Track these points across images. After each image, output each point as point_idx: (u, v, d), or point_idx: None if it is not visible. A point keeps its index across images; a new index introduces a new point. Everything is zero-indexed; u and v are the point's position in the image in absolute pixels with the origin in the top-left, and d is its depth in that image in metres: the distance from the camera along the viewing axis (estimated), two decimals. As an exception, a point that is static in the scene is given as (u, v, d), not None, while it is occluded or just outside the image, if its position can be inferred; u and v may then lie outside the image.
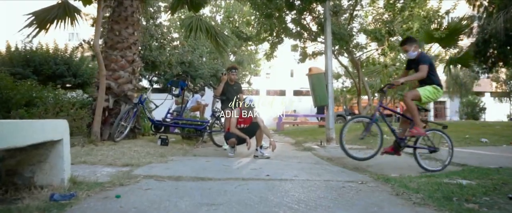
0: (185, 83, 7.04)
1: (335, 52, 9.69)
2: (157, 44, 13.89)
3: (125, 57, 7.69)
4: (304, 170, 4.37)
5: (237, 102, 7.23)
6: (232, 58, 20.83)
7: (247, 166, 4.49)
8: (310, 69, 7.54)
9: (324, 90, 7.38)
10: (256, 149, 5.72)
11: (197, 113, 12.62)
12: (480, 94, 33.29)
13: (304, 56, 11.09)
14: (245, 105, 5.73)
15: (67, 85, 15.11)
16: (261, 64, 24.04)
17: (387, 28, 8.13)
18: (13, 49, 14.73)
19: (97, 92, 7.45)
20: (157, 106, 7.61)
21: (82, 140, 6.33)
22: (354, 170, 4.74)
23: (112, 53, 7.64)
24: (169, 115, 7.04)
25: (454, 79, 29.45)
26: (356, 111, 26.38)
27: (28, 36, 7.86)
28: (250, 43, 18.03)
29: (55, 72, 14.63)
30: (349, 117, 23.77)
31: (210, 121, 7.23)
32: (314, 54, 11.16)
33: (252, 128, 5.78)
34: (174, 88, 7.06)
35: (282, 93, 38.03)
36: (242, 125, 5.82)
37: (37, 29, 7.96)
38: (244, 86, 25.88)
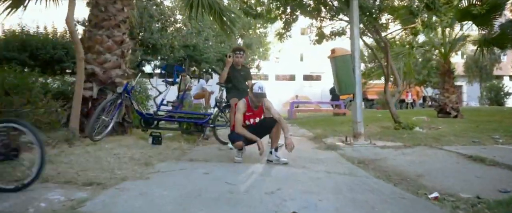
0: (182, 68, 5.73)
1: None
2: (158, 25, 12.53)
3: (112, 37, 6.38)
4: (342, 192, 3.04)
5: (244, 90, 5.96)
6: (240, 41, 19.38)
7: (260, 186, 3.17)
8: (333, 51, 6.15)
9: (351, 75, 6.01)
10: (271, 152, 4.42)
11: (202, 101, 11.35)
12: (499, 77, 31.41)
13: (321, 37, 9.65)
14: (256, 95, 4.40)
15: (67, 71, 14.01)
16: (270, 48, 22.53)
17: (425, 1, 6.65)
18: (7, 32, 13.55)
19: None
20: (160, 93, 6.31)
21: (57, 138, 5.10)
22: (410, 187, 3.39)
23: (97, 33, 6.33)
24: (164, 106, 5.73)
25: (474, 62, 27.64)
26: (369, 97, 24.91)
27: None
28: (259, 25, 16.59)
29: (53, 57, 13.42)
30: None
31: (213, 114, 5.93)
32: (333, 34, 9.72)
33: (265, 124, 4.46)
34: (169, 74, 5.72)
35: (292, 78, 36.52)
36: (251, 121, 4.50)
37: (12, 6, 6.73)
38: (253, 71, 24.48)
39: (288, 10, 8.90)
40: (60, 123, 5.39)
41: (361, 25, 7.88)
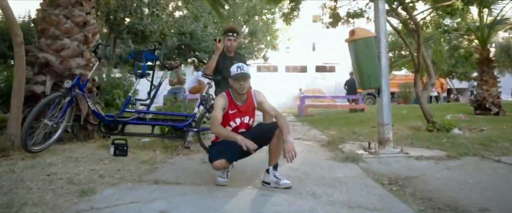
0: (154, 55, 4.59)
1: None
2: (147, 10, 11.44)
3: (71, 17, 5.31)
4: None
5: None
6: (245, 29, 18.20)
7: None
8: (352, 32, 4.96)
9: (376, 64, 4.82)
10: (268, 170, 3.30)
11: (198, 96, 10.23)
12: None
13: (335, 19, 8.46)
14: (235, 77, 3.29)
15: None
16: (278, 36, 21.26)
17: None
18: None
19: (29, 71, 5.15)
20: (155, 87, 5.20)
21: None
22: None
23: (52, 12, 5.27)
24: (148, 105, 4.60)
25: (504, 50, 25.93)
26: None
27: None
28: (266, 10, 15.40)
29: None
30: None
31: (197, 114, 4.81)
32: (350, 16, 8.52)
33: (262, 131, 3.32)
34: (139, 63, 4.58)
35: (303, 69, 35.22)
36: (237, 122, 3.37)
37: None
38: (258, 61, 23.26)
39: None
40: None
41: (386, 6, 6.69)
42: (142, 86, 5.24)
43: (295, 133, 7.54)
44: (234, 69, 3.27)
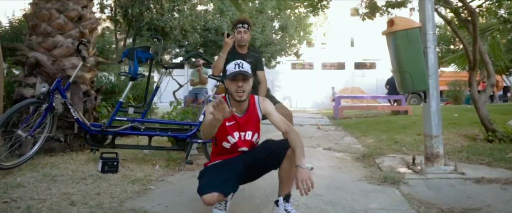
0: (149, 54, 4.00)
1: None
2: (168, 5, 10.99)
3: (65, 11, 4.84)
4: None
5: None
6: (275, 24, 17.47)
7: None
8: (391, 22, 4.17)
9: (421, 61, 4.01)
10: (277, 202, 2.62)
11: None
12: None
13: (372, 9, 7.60)
14: (231, 77, 2.57)
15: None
16: (312, 30, 20.35)
17: None
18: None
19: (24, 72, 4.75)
20: (181, 86, 4.70)
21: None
22: None
23: (43, 6, 4.83)
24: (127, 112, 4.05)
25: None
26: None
27: None
28: (298, 4, 14.65)
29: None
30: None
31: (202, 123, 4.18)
32: (390, 5, 7.64)
33: (268, 153, 2.62)
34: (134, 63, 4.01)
35: (341, 66, 33.98)
36: (236, 137, 2.68)
37: None
38: (291, 59, 22.44)
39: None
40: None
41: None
42: (170, 86, 4.66)
43: (326, 141, 6.82)
44: (230, 67, 2.60)
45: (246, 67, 2.59)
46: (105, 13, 11.32)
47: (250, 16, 15.88)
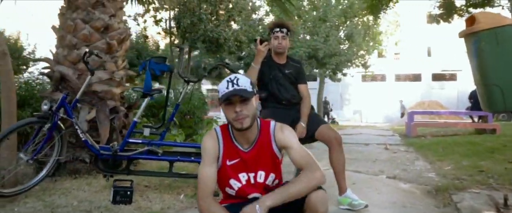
0: (165, 66, 3.49)
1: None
2: (225, 14, 10.71)
3: (90, 21, 4.53)
4: None
5: (291, 105, 3.57)
6: (341, 33, 16.56)
7: None
8: (471, 19, 3.24)
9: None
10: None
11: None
12: None
13: (448, 9, 6.54)
14: (225, 97, 1.88)
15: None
16: (382, 40, 19.06)
17: None
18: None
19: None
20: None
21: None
22: None
23: (69, 17, 4.57)
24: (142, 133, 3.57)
25: None
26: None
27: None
28: (365, 11, 13.77)
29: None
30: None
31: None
32: (470, 5, 6.54)
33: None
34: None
35: (416, 78, 31.88)
36: (243, 180, 1.99)
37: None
38: (361, 70, 21.19)
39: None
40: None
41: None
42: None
43: (392, 165, 5.89)
44: (222, 86, 1.92)
45: (243, 82, 1.89)
46: (160, 26, 11.36)
47: (313, 26, 15.21)
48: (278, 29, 3.50)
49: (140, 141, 3.54)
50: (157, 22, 11.11)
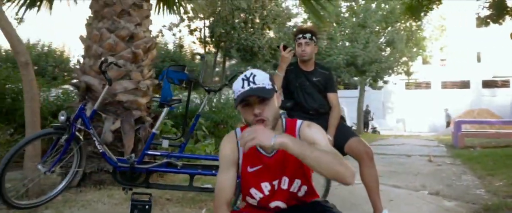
0: (184, 74, 3.35)
1: None
2: (259, 21, 10.60)
3: (115, 30, 4.50)
4: None
5: (319, 114, 3.35)
6: (382, 39, 15.99)
7: None
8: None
9: None
10: None
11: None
12: None
13: (499, 10, 6.04)
14: (241, 97, 1.64)
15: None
16: (426, 45, 18.21)
17: None
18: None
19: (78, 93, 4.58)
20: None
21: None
22: None
23: (95, 26, 4.57)
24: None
25: None
26: None
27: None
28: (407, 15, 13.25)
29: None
30: None
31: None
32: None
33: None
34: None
35: (465, 85, 30.38)
36: (265, 190, 1.75)
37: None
38: (404, 78, 20.37)
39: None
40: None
41: None
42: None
43: (436, 180, 5.49)
44: (237, 85, 1.69)
45: (260, 79, 1.66)
46: (195, 36, 11.41)
47: (351, 32, 14.80)
48: (300, 36, 3.31)
49: (159, 153, 3.41)
50: (191, 31, 11.20)
